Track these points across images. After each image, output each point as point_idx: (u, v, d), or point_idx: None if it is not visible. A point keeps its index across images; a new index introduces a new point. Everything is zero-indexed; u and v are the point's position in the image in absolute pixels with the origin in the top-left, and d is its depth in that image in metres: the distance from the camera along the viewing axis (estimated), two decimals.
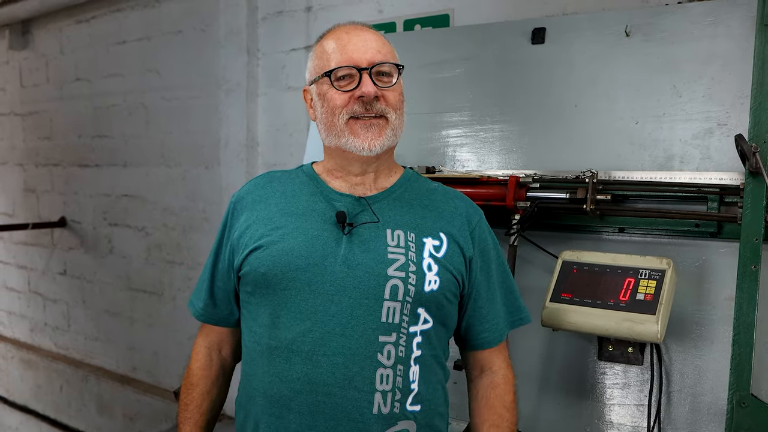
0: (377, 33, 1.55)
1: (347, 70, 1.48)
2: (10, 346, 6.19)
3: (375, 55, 1.49)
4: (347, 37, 1.51)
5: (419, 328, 1.48)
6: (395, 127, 1.52)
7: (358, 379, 1.42)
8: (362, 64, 1.48)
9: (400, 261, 1.47)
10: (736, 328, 1.70)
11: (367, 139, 1.49)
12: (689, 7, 2.15)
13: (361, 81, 1.47)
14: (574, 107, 2.20)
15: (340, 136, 1.50)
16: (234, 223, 1.59)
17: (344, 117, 1.49)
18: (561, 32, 2.26)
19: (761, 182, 1.68)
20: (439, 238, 1.53)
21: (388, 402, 1.44)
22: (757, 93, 1.71)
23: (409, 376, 1.47)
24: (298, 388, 1.44)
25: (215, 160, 4.16)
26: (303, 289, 1.45)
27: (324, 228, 1.50)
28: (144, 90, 4.69)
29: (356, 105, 1.48)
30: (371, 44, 1.50)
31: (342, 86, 1.49)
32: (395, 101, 1.52)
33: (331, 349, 1.43)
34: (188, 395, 1.68)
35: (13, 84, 5.90)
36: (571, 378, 2.06)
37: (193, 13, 4.31)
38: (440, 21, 3.18)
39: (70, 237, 5.45)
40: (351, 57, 1.48)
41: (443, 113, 2.44)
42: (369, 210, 1.52)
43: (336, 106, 1.49)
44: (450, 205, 1.60)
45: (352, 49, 1.49)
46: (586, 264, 1.94)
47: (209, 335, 1.70)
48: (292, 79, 3.79)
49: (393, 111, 1.51)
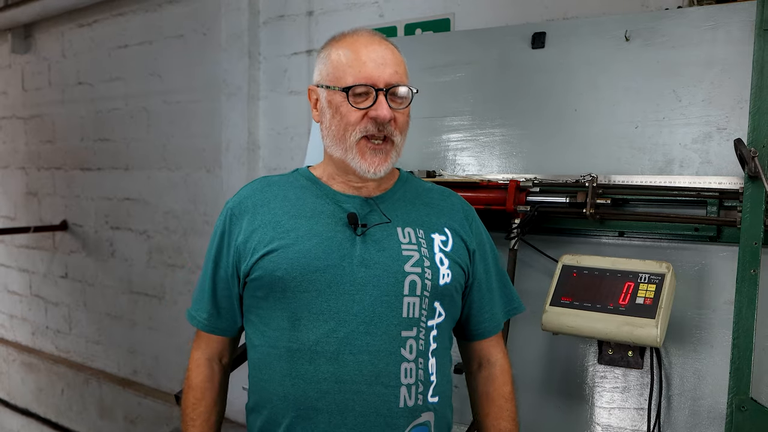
0: (393, 47, 1.53)
1: (364, 89, 1.47)
2: (12, 349, 6.20)
3: (392, 76, 1.48)
4: (365, 51, 1.49)
5: (435, 321, 1.53)
6: (399, 149, 1.53)
7: (384, 374, 1.45)
8: (379, 84, 1.47)
9: (414, 257, 1.50)
10: (735, 331, 1.70)
11: (374, 165, 1.50)
12: (689, 11, 2.15)
13: (377, 101, 1.46)
14: (574, 111, 2.21)
15: (348, 152, 1.51)
16: (234, 228, 1.57)
17: (357, 135, 1.49)
18: (561, 37, 2.27)
19: (760, 186, 1.68)
20: (445, 233, 1.57)
21: (413, 395, 1.48)
22: (756, 97, 1.72)
23: (429, 369, 1.51)
24: (326, 388, 1.45)
25: (216, 164, 4.17)
26: (324, 290, 1.46)
27: (336, 229, 1.51)
28: (146, 94, 4.70)
29: (369, 124, 1.48)
30: (389, 63, 1.49)
31: (358, 102, 1.48)
32: (403, 123, 1.53)
33: (357, 348, 1.45)
34: (194, 410, 1.63)
35: (15, 87, 5.92)
36: (571, 381, 2.06)
37: (194, 17, 4.32)
38: (441, 25, 3.19)
39: (72, 240, 5.46)
40: (369, 75, 1.47)
41: (444, 117, 2.45)
42: (377, 210, 1.54)
43: (349, 123, 1.49)
44: (447, 203, 1.64)
45: (371, 67, 1.47)
46: (586, 268, 1.95)
47: (209, 346, 1.66)
48: (294, 82, 3.80)
49: (400, 134, 1.52)
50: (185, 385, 1.67)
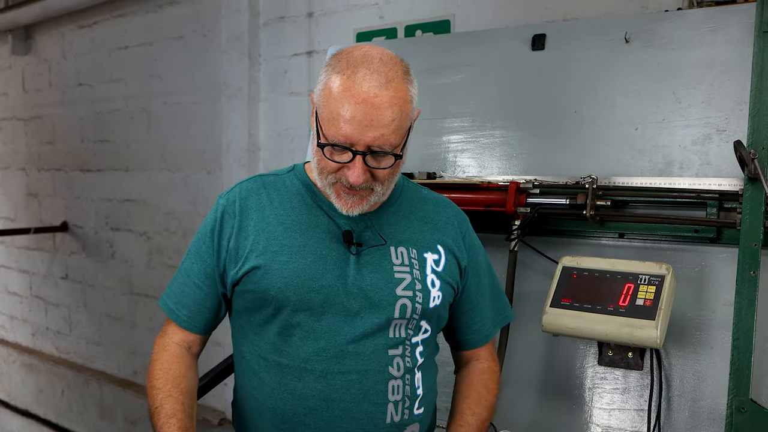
0: (395, 96, 1.36)
1: (343, 148, 1.37)
2: (12, 350, 6.20)
3: (375, 139, 1.35)
4: (354, 102, 1.34)
5: (420, 338, 1.55)
6: (381, 194, 1.47)
7: (372, 393, 1.47)
8: (358, 147, 1.36)
9: (406, 280, 1.50)
10: (735, 333, 1.70)
11: (347, 206, 1.45)
12: (689, 13, 2.16)
13: (353, 160, 1.37)
14: (574, 113, 2.21)
15: (326, 188, 1.47)
16: (225, 228, 1.52)
17: (331, 180, 1.44)
18: (561, 38, 2.27)
19: (760, 188, 1.69)
20: (438, 252, 1.57)
21: (399, 411, 1.49)
22: (756, 99, 1.72)
23: (415, 383, 1.52)
24: (313, 405, 1.46)
25: (217, 165, 4.18)
26: (316, 310, 1.46)
27: (331, 247, 1.49)
28: (146, 95, 4.71)
29: (343, 177, 1.41)
30: (375, 122, 1.34)
31: (334, 156, 1.39)
32: (384, 178, 1.43)
33: (346, 367, 1.45)
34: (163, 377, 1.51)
35: (15, 89, 5.93)
36: (571, 383, 2.06)
37: (194, 18, 4.32)
38: (441, 27, 3.19)
39: (72, 241, 5.46)
40: (349, 136, 1.35)
41: (444, 119, 2.45)
42: (372, 228, 1.53)
43: (324, 168, 1.43)
44: (442, 216, 1.63)
45: (353, 126, 1.34)
46: (586, 269, 1.95)
47: (178, 335, 1.59)
48: (294, 84, 3.80)
49: (380, 185, 1.44)
50: (149, 368, 1.56)
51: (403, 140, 1.43)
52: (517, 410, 2.11)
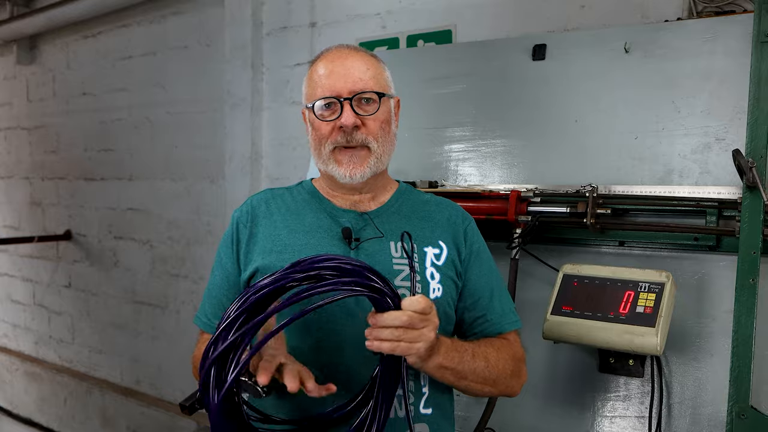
0: (365, 56, 1.56)
1: (329, 101, 1.51)
2: (15, 358, 6.21)
3: (356, 83, 1.50)
4: (332, 65, 1.53)
5: None
6: (379, 155, 1.54)
7: None
8: (343, 94, 1.50)
9: (405, 272, 1.51)
10: (735, 340, 1.72)
11: (349, 168, 1.52)
12: (688, 24, 2.18)
13: (342, 111, 1.49)
14: (575, 122, 2.23)
15: (327, 163, 1.55)
16: (241, 236, 1.61)
17: (329, 146, 1.53)
18: (562, 49, 2.29)
19: (758, 196, 1.70)
20: (439, 246, 1.58)
21: (402, 405, 1.48)
22: (754, 108, 1.74)
23: (420, 380, 1.52)
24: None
25: (220, 174, 4.19)
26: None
27: (332, 243, 1.53)
28: (149, 104, 4.73)
29: (339, 135, 1.51)
30: (354, 72, 1.51)
31: (325, 116, 1.52)
32: (376, 129, 1.53)
33: (347, 358, 1.47)
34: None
35: (20, 98, 5.96)
36: (572, 390, 2.07)
37: (198, 28, 4.35)
38: (443, 37, 3.21)
39: (76, 250, 5.48)
40: (333, 87, 1.50)
41: (446, 128, 2.47)
42: (372, 224, 1.56)
43: (322, 136, 1.53)
44: (444, 215, 1.64)
45: (335, 79, 1.51)
46: (586, 277, 1.96)
47: None
48: (297, 93, 3.81)
49: (374, 140, 1.53)
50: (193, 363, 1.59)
51: (385, 93, 1.54)
52: (518, 417, 2.12)
